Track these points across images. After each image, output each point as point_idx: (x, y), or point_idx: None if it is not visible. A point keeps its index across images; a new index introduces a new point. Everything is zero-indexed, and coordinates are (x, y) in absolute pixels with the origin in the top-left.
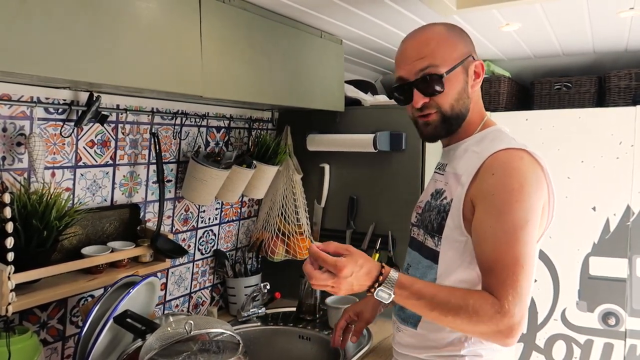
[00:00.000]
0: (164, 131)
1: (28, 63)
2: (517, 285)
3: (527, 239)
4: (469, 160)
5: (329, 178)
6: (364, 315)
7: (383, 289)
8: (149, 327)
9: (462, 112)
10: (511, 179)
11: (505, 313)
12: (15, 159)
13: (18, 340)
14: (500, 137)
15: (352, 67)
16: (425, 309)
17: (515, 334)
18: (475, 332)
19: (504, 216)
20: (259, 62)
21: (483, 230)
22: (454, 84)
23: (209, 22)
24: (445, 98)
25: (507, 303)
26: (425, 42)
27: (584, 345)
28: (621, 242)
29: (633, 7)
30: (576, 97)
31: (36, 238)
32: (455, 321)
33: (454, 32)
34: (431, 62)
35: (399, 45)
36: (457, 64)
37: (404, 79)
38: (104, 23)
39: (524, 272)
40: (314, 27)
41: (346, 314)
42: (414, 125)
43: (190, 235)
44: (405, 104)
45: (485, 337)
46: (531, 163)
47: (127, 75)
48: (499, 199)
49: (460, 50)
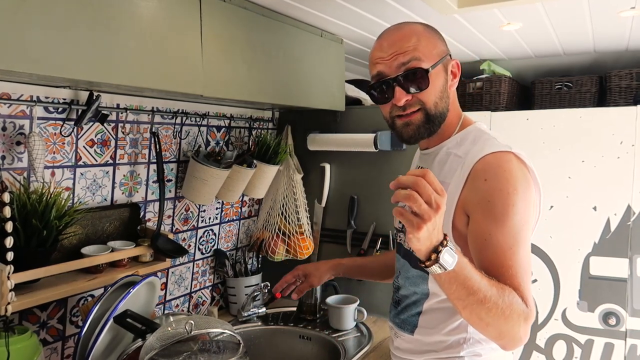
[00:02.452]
0: (164, 130)
1: (27, 62)
2: (529, 288)
3: (526, 240)
4: (454, 166)
5: (330, 178)
6: (311, 278)
7: (450, 250)
8: (149, 327)
9: (444, 111)
10: (506, 183)
11: (528, 314)
12: (15, 158)
13: (17, 340)
14: (482, 138)
15: (352, 67)
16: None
17: (527, 338)
18: (499, 330)
19: (503, 221)
20: (259, 61)
21: (483, 238)
22: (437, 80)
23: (210, 21)
24: (430, 95)
25: (529, 305)
26: (407, 37)
27: (584, 345)
28: (622, 242)
29: (634, 7)
30: (577, 97)
31: (36, 237)
32: (490, 312)
33: (431, 30)
34: (414, 56)
35: (375, 41)
36: (439, 60)
37: (384, 75)
38: (103, 21)
39: (529, 274)
40: (314, 26)
41: (296, 271)
42: (391, 127)
43: (190, 235)
44: (385, 102)
45: (503, 336)
46: (519, 165)
47: (127, 74)
48: (495, 204)
49: (440, 47)
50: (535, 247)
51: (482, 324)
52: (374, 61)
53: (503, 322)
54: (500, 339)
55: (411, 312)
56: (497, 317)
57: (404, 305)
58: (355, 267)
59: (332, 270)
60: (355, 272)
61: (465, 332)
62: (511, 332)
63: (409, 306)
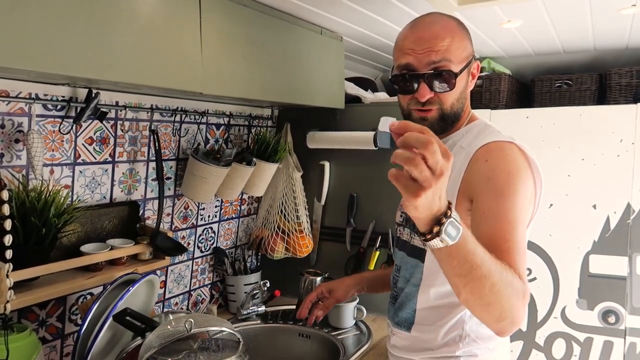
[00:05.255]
0: (164, 128)
1: (25, 59)
2: (524, 267)
3: (523, 223)
4: (457, 157)
5: (329, 175)
6: (337, 293)
7: (454, 222)
8: (148, 325)
9: (459, 111)
10: (506, 164)
11: (525, 292)
12: (13, 156)
13: (16, 338)
14: (487, 130)
15: (352, 64)
16: (474, 265)
17: (522, 320)
18: (501, 307)
19: (505, 196)
20: (259, 59)
21: (484, 211)
22: (460, 83)
23: (209, 18)
24: (450, 96)
25: (525, 283)
26: (442, 35)
27: (583, 343)
28: (621, 240)
29: (635, 4)
30: (577, 95)
31: (35, 235)
32: (493, 288)
33: (464, 30)
34: (445, 57)
35: (408, 28)
36: (466, 64)
37: (412, 68)
38: (102, 18)
39: (524, 257)
40: (314, 24)
41: (319, 289)
42: (406, 118)
43: (189, 233)
44: (406, 93)
45: (503, 316)
46: (521, 155)
47: (126, 71)
48: (496, 181)
49: (469, 50)
50: (534, 245)
51: (483, 303)
52: (405, 50)
53: (505, 300)
54: (501, 320)
55: (408, 308)
56: (499, 294)
57: (400, 301)
58: (377, 279)
59: (357, 285)
60: (377, 284)
61: (462, 329)
62: (512, 311)
63: (405, 302)
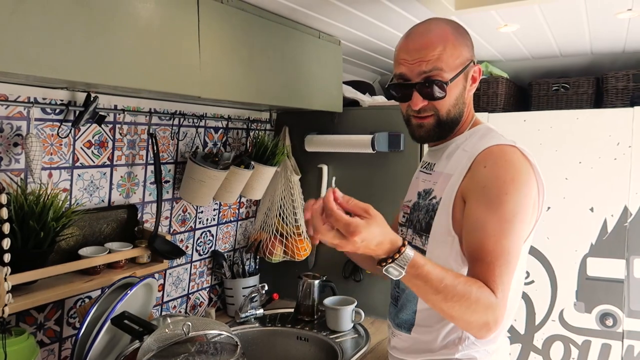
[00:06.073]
0: (162, 132)
1: (24, 63)
2: (506, 279)
3: (515, 233)
4: (459, 159)
5: (327, 179)
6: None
7: (395, 266)
8: (146, 329)
9: (457, 117)
10: (504, 171)
11: (497, 305)
12: (12, 159)
13: (14, 341)
14: (489, 134)
15: (350, 68)
16: (430, 292)
17: (498, 327)
18: (466, 321)
19: (495, 207)
20: (257, 62)
21: (473, 220)
22: (453, 90)
23: (207, 22)
24: (444, 103)
25: (499, 295)
26: (433, 44)
27: (581, 346)
28: (619, 243)
29: (631, 9)
30: (574, 98)
31: (33, 239)
32: (454, 307)
33: (460, 36)
34: (436, 66)
35: (403, 38)
36: (460, 70)
37: (405, 78)
38: (101, 23)
39: (511, 266)
40: (312, 28)
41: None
42: (406, 123)
43: (188, 236)
44: (402, 101)
45: (471, 327)
46: (522, 159)
47: (125, 75)
48: (490, 190)
49: (465, 55)
50: (532, 248)
51: (446, 316)
52: (399, 61)
53: (469, 315)
54: (469, 329)
55: (408, 309)
56: (461, 311)
57: (402, 302)
58: None
59: None
60: None
61: (461, 332)
62: (478, 322)
63: (406, 303)
